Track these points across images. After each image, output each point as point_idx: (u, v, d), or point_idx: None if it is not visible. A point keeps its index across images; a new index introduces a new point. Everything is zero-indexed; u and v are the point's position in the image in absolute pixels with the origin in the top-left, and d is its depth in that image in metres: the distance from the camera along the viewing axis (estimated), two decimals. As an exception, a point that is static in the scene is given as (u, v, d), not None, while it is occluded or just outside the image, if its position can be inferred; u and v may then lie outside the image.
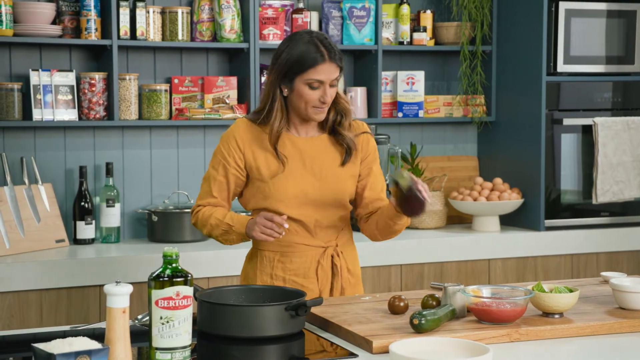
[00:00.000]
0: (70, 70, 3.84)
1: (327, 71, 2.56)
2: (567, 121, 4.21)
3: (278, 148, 2.64)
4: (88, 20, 3.80)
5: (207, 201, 2.70)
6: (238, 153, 2.65)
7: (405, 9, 4.24)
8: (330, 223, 2.69)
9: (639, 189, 4.29)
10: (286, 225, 2.53)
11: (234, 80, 4.06)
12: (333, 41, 2.62)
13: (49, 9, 3.77)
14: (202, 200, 2.71)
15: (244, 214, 3.36)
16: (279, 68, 2.60)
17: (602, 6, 4.22)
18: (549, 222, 4.21)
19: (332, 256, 2.70)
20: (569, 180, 4.28)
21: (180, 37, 3.95)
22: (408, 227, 3.64)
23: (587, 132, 4.25)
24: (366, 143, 2.74)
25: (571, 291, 2.39)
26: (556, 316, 2.36)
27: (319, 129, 2.71)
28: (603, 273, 2.86)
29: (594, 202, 4.24)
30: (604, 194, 4.23)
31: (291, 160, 2.65)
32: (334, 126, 2.69)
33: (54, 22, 3.81)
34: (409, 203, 2.49)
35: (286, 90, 2.61)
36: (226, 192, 2.68)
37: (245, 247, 2.86)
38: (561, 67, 4.17)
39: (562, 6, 4.14)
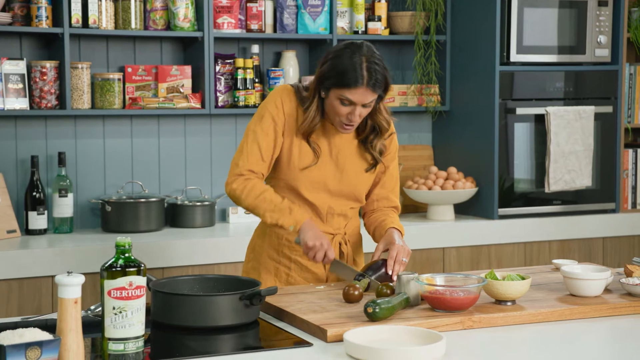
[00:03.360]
0: (21, 59, 3.78)
1: (361, 95, 2.57)
2: (520, 110, 4.25)
3: (311, 135, 2.69)
4: (39, 8, 3.74)
5: (253, 167, 2.64)
6: (282, 120, 2.67)
7: (360, -2, 4.25)
8: (341, 212, 2.77)
9: (590, 177, 4.36)
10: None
11: (188, 69, 4.03)
12: (381, 64, 2.58)
13: (-1, -4, 3.70)
14: (250, 164, 2.65)
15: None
16: (321, 73, 2.62)
17: (555, -4, 4.27)
18: (502, 211, 4.25)
19: (340, 244, 2.77)
20: (522, 169, 4.33)
21: (133, 25, 3.90)
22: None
23: (540, 122, 4.29)
24: (389, 143, 2.81)
25: (523, 279, 2.41)
26: (508, 303, 2.39)
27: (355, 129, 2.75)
28: (554, 260, 2.90)
29: (546, 190, 4.29)
30: (556, 182, 4.28)
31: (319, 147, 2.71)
32: (367, 141, 2.74)
33: (3, 10, 3.75)
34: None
35: (323, 93, 2.64)
36: (271, 157, 2.67)
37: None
38: (514, 56, 4.21)
39: (515, -4, 4.17)
